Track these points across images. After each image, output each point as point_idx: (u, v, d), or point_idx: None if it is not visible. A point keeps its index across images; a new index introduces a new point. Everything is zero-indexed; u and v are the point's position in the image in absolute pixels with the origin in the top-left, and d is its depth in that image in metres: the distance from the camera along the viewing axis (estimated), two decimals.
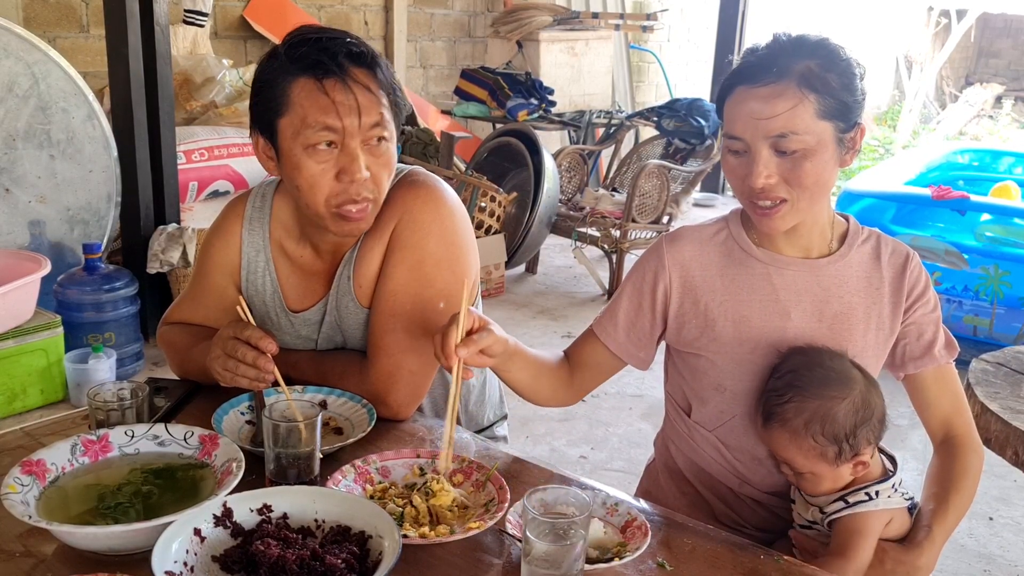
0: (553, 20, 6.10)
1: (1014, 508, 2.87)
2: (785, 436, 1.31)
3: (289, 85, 1.37)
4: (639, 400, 3.48)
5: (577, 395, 1.54)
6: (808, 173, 1.29)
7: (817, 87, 1.27)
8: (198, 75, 4.47)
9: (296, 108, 1.37)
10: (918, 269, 1.43)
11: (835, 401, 1.28)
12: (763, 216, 1.33)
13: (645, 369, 1.53)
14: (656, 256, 1.46)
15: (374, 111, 1.38)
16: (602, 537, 1.20)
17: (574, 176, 5.19)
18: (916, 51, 11.08)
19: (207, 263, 1.61)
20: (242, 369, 1.36)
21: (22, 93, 3.39)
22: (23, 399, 3.07)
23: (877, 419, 1.31)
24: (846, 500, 1.32)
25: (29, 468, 1.17)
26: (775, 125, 1.27)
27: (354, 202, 1.40)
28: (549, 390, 1.50)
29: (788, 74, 1.27)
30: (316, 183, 1.39)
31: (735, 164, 1.34)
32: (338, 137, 1.37)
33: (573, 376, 1.52)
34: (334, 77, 1.35)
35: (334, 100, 1.35)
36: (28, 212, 3.48)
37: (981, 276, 3.84)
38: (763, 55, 1.31)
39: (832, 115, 1.28)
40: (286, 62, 1.37)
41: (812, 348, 1.36)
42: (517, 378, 1.44)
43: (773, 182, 1.30)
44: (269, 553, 1.02)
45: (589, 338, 1.52)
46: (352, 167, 1.37)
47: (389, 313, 1.47)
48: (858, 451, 1.29)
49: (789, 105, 1.26)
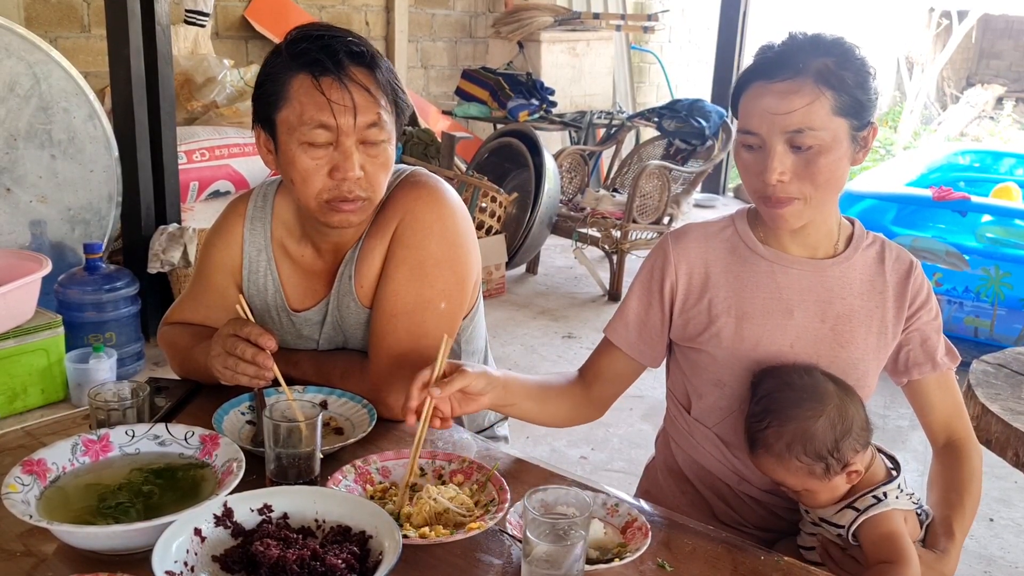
0: (554, 21, 6.10)
1: (1014, 509, 2.87)
2: (771, 460, 1.31)
3: (288, 81, 1.38)
4: (640, 401, 3.48)
5: (599, 409, 1.54)
6: (822, 170, 1.29)
7: (833, 84, 1.27)
8: (199, 75, 4.47)
9: (294, 104, 1.37)
10: (921, 277, 1.43)
11: (811, 420, 1.28)
12: (775, 213, 1.33)
13: (657, 367, 1.53)
14: (662, 252, 1.47)
15: (371, 111, 1.38)
16: (602, 538, 1.20)
17: (575, 177, 5.19)
18: (917, 52, 11.08)
19: (208, 263, 1.61)
20: (242, 366, 1.36)
21: (23, 93, 3.39)
22: (24, 399, 3.07)
23: (859, 428, 1.30)
24: (856, 507, 1.31)
25: (30, 467, 1.17)
26: (792, 120, 1.27)
27: (346, 199, 1.40)
28: (565, 411, 1.50)
29: (805, 70, 1.27)
30: (309, 178, 1.39)
31: (749, 160, 1.34)
32: (333, 135, 1.37)
33: (591, 390, 1.51)
34: (331, 75, 1.35)
35: (330, 98, 1.35)
36: (29, 212, 3.49)
37: (982, 277, 3.84)
38: (780, 51, 1.31)
39: (847, 112, 1.29)
40: (287, 58, 1.38)
41: (782, 367, 1.36)
42: (525, 409, 1.44)
43: (786, 179, 1.30)
44: (269, 553, 1.02)
45: (604, 347, 1.53)
46: (345, 165, 1.38)
47: (390, 313, 1.47)
48: (846, 462, 1.29)
49: (806, 101, 1.27)
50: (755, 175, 1.33)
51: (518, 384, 1.41)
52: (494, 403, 1.37)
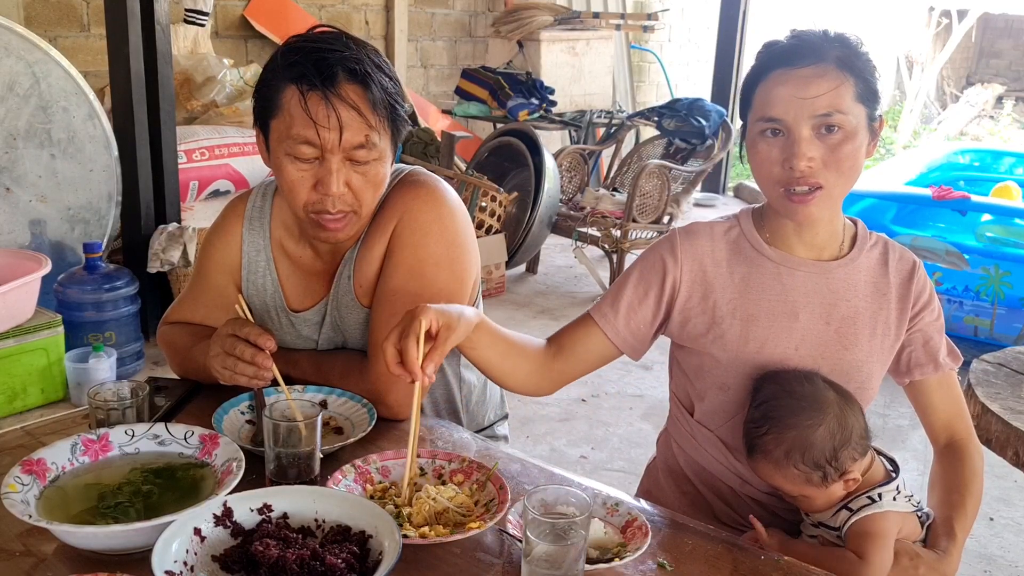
0: (554, 20, 6.10)
1: (1015, 509, 2.87)
2: (769, 466, 1.31)
3: (280, 90, 1.37)
4: (640, 400, 3.48)
5: (554, 384, 1.48)
6: (847, 156, 1.29)
7: (854, 70, 1.28)
8: (199, 74, 4.47)
9: (284, 115, 1.37)
10: (924, 277, 1.43)
11: (810, 429, 1.28)
12: (799, 204, 1.31)
13: (637, 359, 1.50)
14: (669, 246, 1.44)
15: (359, 132, 1.36)
16: (602, 537, 1.19)
17: (575, 176, 5.19)
18: (917, 51, 11.08)
19: (207, 263, 1.61)
20: (240, 367, 1.36)
21: (23, 92, 3.39)
22: (23, 398, 3.07)
23: (857, 437, 1.30)
24: (850, 508, 1.31)
25: (29, 467, 1.17)
26: (820, 104, 1.26)
27: (330, 213, 1.40)
28: (522, 373, 1.44)
29: (827, 57, 1.28)
30: (295, 188, 1.40)
31: (769, 149, 1.31)
32: (318, 151, 1.36)
33: (555, 362, 1.46)
34: (319, 92, 1.33)
35: (316, 116, 1.33)
36: (29, 211, 3.48)
37: (982, 276, 3.84)
38: (794, 43, 1.31)
39: (866, 99, 1.30)
40: (280, 67, 1.37)
41: (783, 373, 1.35)
42: (485, 356, 1.38)
43: (815, 165, 1.29)
44: (269, 553, 1.02)
45: (584, 323, 1.47)
46: (327, 180, 1.37)
47: (389, 313, 1.47)
48: (843, 470, 1.29)
49: (833, 85, 1.27)
50: (777, 163, 1.31)
51: (486, 329, 1.36)
52: (463, 344, 1.33)
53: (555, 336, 1.49)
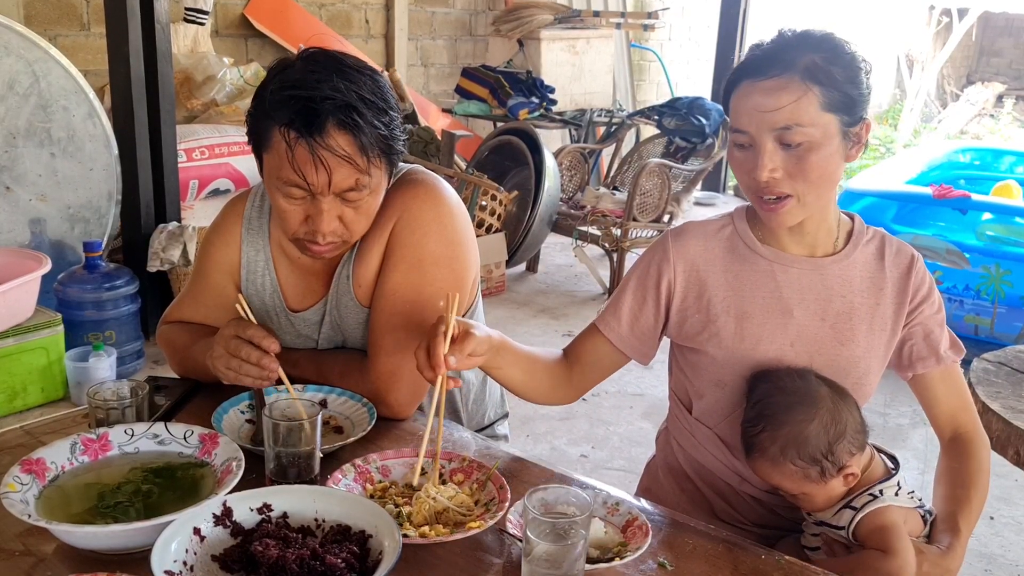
0: (554, 19, 6.10)
1: (1015, 508, 2.87)
2: (767, 465, 1.31)
3: (269, 128, 1.35)
4: (640, 399, 3.48)
5: (577, 393, 1.53)
6: (813, 166, 1.29)
7: (821, 79, 1.27)
8: (199, 73, 4.47)
9: (273, 154, 1.36)
10: (923, 270, 1.43)
11: (803, 424, 1.28)
12: (770, 211, 1.33)
13: (647, 363, 1.52)
14: (661, 250, 1.46)
15: (349, 177, 1.34)
16: (603, 537, 1.19)
17: (575, 175, 5.19)
18: (917, 50, 11.07)
19: (207, 262, 1.60)
20: (246, 368, 1.36)
21: (23, 91, 3.39)
22: (23, 397, 3.07)
23: (853, 430, 1.30)
24: (853, 507, 1.31)
25: (29, 467, 1.17)
26: (779, 117, 1.27)
27: (318, 243, 1.40)
28: (547, 387, 1.48)
29: (792, 67, 1.27)
30: (285, 217, 1.40)
31: (741, 158, 1.34)
32: (307, 192, 1.36)
33: (572, 373, 1.51)
34: (306, 144, 1.31)
35: (302, 168, 1.32)
36: (29, 210, 3.48)
37: (982, 275, 3.84)
38: (768, 50, 1.31)
39: (837, 108, 1.28)
40: (270, 104, 1.34)
41: (775, 371, 1.36)
42: (510, 375, 1.42)
43: (778, 176, 1.30)
44: (269, 553, 1.02)
45: (591, 333, 1.51)
46: (318, 220, 1.37)
47: (389, 312, 1.47)
48: (841, 465, 1.29)
49: (793, 97, 1.26)
50: (747, 173, 1.33)
51: (509, 350, 1.40)
52: (486, 364, 1.36)
53: (568, 348, 1.54)
